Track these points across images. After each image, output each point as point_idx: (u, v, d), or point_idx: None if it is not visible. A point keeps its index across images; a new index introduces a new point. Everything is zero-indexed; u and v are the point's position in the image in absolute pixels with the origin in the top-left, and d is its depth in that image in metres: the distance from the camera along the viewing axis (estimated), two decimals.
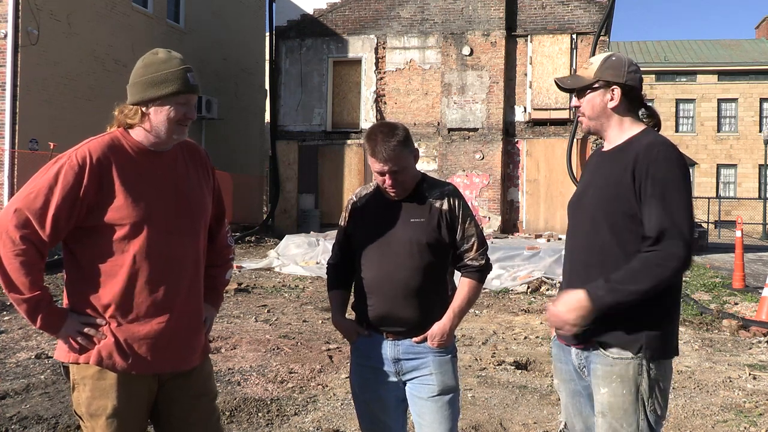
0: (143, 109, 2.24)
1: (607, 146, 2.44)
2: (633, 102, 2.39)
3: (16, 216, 2.09)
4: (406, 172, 2.55)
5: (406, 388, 2.64)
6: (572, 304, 2.22)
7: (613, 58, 2.39)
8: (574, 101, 2.46)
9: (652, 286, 2.15)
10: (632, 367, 2.23)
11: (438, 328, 2.56)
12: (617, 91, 2.35)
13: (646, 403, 2.25)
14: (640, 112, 2.43)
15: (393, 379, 2.63)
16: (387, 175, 2.52)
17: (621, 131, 2.39)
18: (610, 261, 2.28)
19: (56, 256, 9.51)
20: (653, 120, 2.43)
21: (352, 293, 2.78)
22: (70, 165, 2.14)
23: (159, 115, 2.23)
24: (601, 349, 2.29)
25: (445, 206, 2.59)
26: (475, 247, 2.62)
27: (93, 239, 2.20)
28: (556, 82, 2.51)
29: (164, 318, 2.25)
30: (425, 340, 2.57)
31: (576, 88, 2.43)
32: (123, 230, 2.18)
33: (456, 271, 2.74)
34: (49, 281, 9.80)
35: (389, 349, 2.60)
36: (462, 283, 2.64)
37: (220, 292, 2.59)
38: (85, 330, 2.19)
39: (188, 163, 2.40)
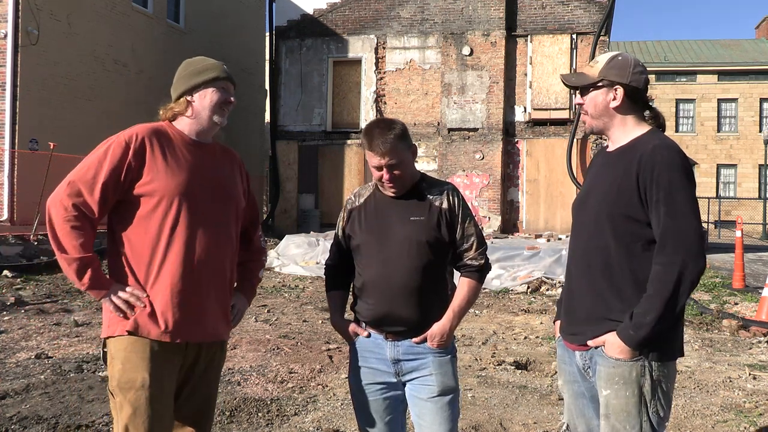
0: (188, 97, 2.50)
1: (612, 146, 2.42)
2: (637, 103, 2.37)
3: (70, 187, 2.34)
4: (404, 166, 2.53)
5: (406, 388, 2.63)
6: (615, 347, 2.23)
7: (620, 58, 2.37)
8: (578, 99, 2.45)
9: (670, 304, 2.15)
10: (635, 368, 2.23)
11: (438, 328, 2.55)
12: (620, 91, 2.33)
13: (649, 405, 2.24)
14: (645, 114, 2.41)
15: (392, 379, 2.62)
16: (384, 169, 2.51)
17: (625, 131, 2.37)
18: (614, 263, 2.28)
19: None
20: (657, 121, 2.41)
21: (351, 293, 2.78)
22: (118, 142, 2.38)
23: (203, 100, 2.50)
24: (604, 350, 2.29)
25: (445, 205, 2.58)
26: (474, 247, 2.61)
27: (132, 212, 2.38)
28: (561, 78, 2.50)
29: (195, 289, 2.40)
30: (425, 340, 2.56)
31: (580, 85, 2.41)
32: (161, 201, 2.37)
33: (455, 271, 2.73)
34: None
35: (389, 349, 2.59)
36: (461, 283, 2.63)
37: (254, 285, 2.77)
38: (127, 296, 2.34)
39: (225, 160, 2.62)
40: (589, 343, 2.32)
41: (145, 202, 2.37)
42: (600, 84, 2.36)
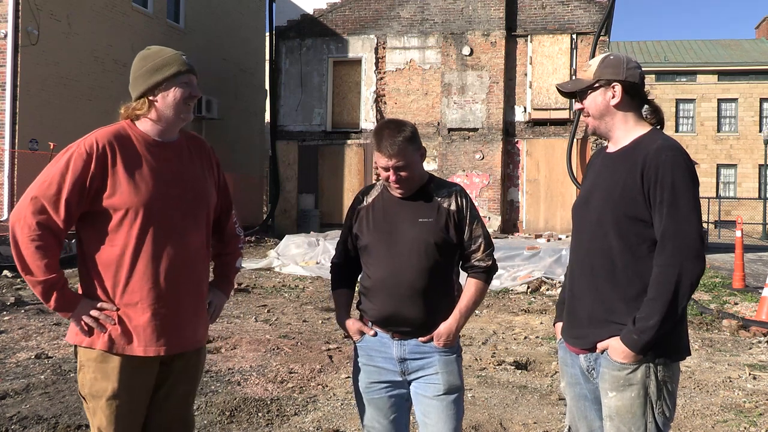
0: (150, 97, 2.36)
1: (612, 147, 2.42)
2: (635, 98, 2.37)
3: (33, 203, 2.24)
4: (411, 169, 2.54)
5: (411, 387, 2.64)
6: (620, 353, 2.23)
7: (611, 57, 2.38)
8: (578, 104, 2.45)
9: (672, 306, 2.15)
10: (640, 370, 2.22)
11: (445, 327, 2.57)
12: (618, 88, 2.34)
13: (654, 406, 2.24)
14: (643, 109, 2.41)
15: (398, 378, 2.63)
16: (391, 170, 2.52)
17: (626, 131, 2.37)
18: (618, 265, 2.27)
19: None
20: (656, 116, 2.42)
21: (356, 292, 2.78)
22: (78, 153, 2.28)
23: (166, 98, 2.36)
24: (609, 354, 2.28)
25: (453, 206, 2.60)
26: (482, 248, 2.62)
27: (98, 225, 2.31)
28: (557, 87, 2.50)
29: (166, 302, 2.34)
30: (432, 339, 2.58)
31: (577, 90, 2.42)
32: (125, 215, 2.29)
33: (461, 272, 2.74)
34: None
35: (395, 348, 2.60)
36: (469, 284, 2.65)
37: (231, 280, 2.70)
38: (95, 314, 2.29)
39: (193, 154, 2.50)
40: (599, 346, 2.31)
41: (109, 215, 2.29)
42: (597, 85, 2.37)
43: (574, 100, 2.49)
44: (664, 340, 2.21)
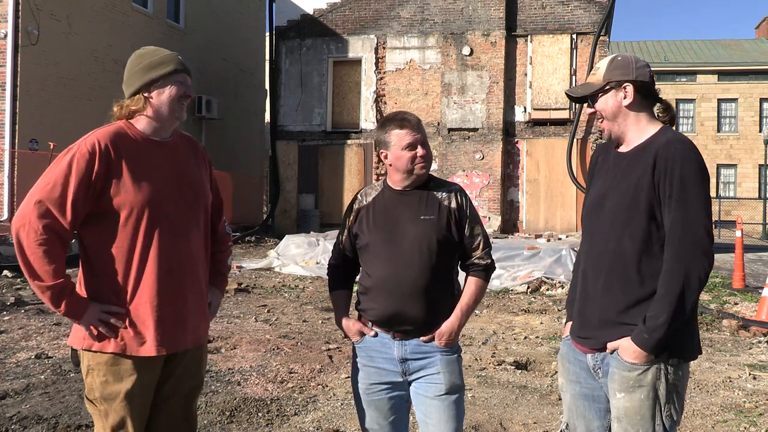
0: (145, 94, 2.36)
1: (625, 147, 2.40)
2: (647, 97, 2.36)
3: (38, 207, 2.20)
4: (429, 146, 2.61)
5: (412, 387, 2.63)
6: (631, 353, 2.21)
7: (619, 58, 2.37)
8: (589, 109, 2.43)
9: (680, 303, 2.14)
10: (651, 372, 2.21)
11: (447, 326, 2.57)
12: (629, 88, 2.32)
13: (663, 408, 2.22)
14: (655, 108, 2.40)
15: (399, 379, 2.62)
16: (419, 146, 2.55)
17: (639, 131, 2.35)
18: (632, 266, 2.25)
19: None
20: (668, 114, 2.40)
21: (354, 292, 2.78)
22: (80, 153, 2.26)
23: (161, 95, 2.37)
24: (619, 354, 2.26)
25: (454, 204, 2.60)
26: (481, 246, 2.64)
27: (101, 225, 2.30)
28: (567, 94, 2.49)
29: (173, 300, 2.35)
30: (433, 339, 2.58)
31: (588, 95, 2.40)
32: (129, 214, 2.29)
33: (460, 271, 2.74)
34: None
35: (396, 348, 2.59)
36: (469, 282, 2.65)
37: (225, 276, 2.73)
38: (105, 318, 2.28)
39: (188, 153, 2.53)
40: (609, 345, 2.30)
41: (113, 215, 2.28)
42: (608, 87, 2.35)
43: (585, 105, 2.47)
44: (676, 338, 2.19)
